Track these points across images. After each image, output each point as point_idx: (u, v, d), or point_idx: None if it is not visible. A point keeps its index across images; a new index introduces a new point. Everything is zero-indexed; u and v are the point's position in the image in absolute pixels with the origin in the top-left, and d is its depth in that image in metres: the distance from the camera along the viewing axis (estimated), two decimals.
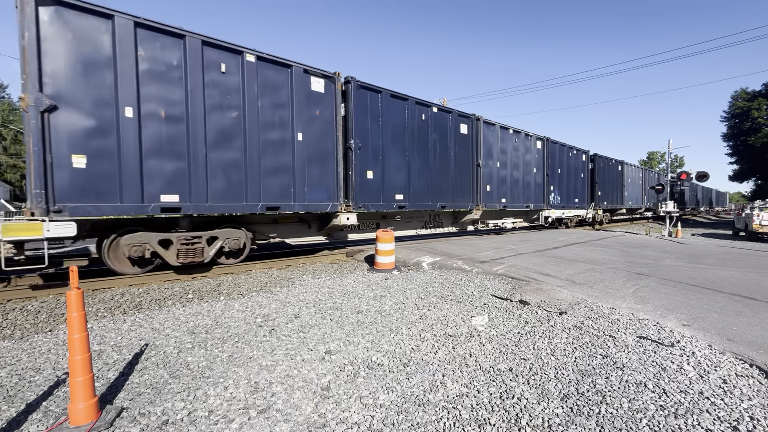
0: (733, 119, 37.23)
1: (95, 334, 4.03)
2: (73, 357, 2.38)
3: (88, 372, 2.40)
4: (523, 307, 4.97)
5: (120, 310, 5.03)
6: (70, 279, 2.39)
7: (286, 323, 4.37)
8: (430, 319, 4.50)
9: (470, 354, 3.52)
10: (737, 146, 37.23)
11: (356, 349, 3.65)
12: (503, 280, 6.55)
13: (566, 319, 4.45)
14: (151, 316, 4.68)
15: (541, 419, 2.47)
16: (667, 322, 4.36)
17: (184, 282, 6.58)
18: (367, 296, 5.53)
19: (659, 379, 3.00)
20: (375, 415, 2.54)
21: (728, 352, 3.52)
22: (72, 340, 2.39)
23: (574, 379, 3.01)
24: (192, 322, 4.43)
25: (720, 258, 9.35)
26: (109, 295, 5.60)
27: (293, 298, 5.49)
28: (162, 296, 5.66)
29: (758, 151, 31.91)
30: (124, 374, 3.14)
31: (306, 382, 2.98)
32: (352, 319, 4.53)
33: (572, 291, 5.71)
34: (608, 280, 6.51)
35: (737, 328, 4.16)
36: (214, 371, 3.18)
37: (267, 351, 3.59)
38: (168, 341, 3.86)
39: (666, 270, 7.54)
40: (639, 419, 2.46)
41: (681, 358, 3.38)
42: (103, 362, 3.37)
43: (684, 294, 5.60)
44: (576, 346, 3.66)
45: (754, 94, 34.72)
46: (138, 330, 4.20)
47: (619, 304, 5.05)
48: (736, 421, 2.44)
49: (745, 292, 5.71)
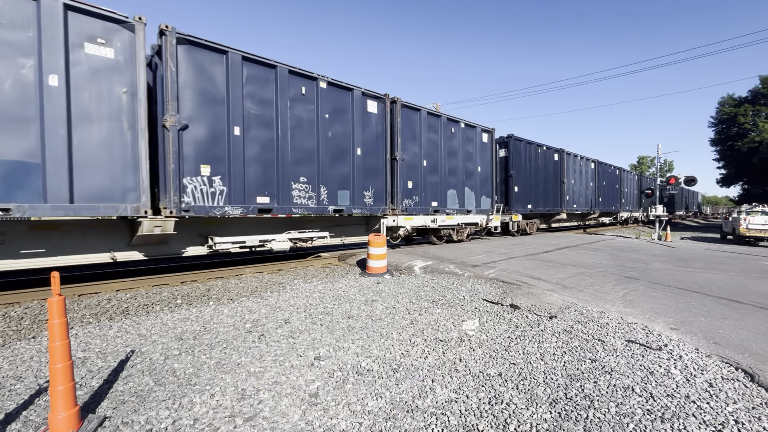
0: (720, 125, 37.90)
1: (80, 341, 3.95)
2: (54, 365, 2.32)
3: (69, 380, 2.35)
4: (514, 311, 4.98)
5: (106, 316, 4.94)
6: (52, 285, 2.34)
7: (276, 328, 4.33)
8: (421, 324, 4.49)
9: (460, 359, 3.51)
10: (724, 151, 37.88)
11: (346, 354, 3.62)
12: (494, 284, 6.56)
13: (556, 323, 4.46)
14: (138, 322, 4.61)
15: (530, 425, 2.47)
16: (656, 325, 4.40)
17: (173, 287, 6.49)
18: (358, 301, 5.51)
19: (647, 383, 3.02)
20: (363, 421, 2.52)
21: (714, 356, 3.56)
22: (53, 347, 2.34)
23: (562, 383, 3.02)
24: (180, 328, 4.37)
25: (708, 261, 9.48)
26: (96, 301, 5.50)
27: (284, 302, 5.45)
28: (150, 301, 5.58)
29: (745, 156, 32.48)
30: (108, 382, 3.08)
31: (294, 389, 2.95)
32: (342, 324, 4.50)
33: (562, 295, 5.74)
34: (598, 284, 6.56)
35: (723, 332, 4.21)
36: (200, 378, 3.13)
37: (255, 357, 3.55)
38: (155, 348, 3.79)
39: (655, 273, 7.62)
40: (626, 424, 2.46)
41: (668, 361, 3.41)
42: (87, 370, 3.30)
43: (672, 297, 5.66)
44: (565, 351, 3.67)
45: (741, 100, 35.39)
46: (124, 336, 4.13)
47: (609, 308, 5.08)
48: (721, 425, 2.46)
49: (732, 296, 5.78)
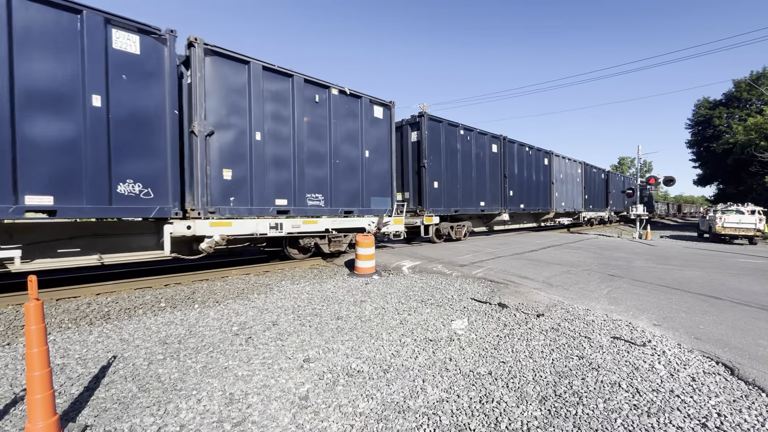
0: (696, 126, 39.17)
1: (58, 347, 3.81)
2: (31, 373, 2.23)
3: (47, 388, 2.25)
4: (502, 310, 5.02)
5: (86, 321, 4.78)
6: (29, 289, 2.24)
7: (264, 331, 4.26)
8: (411, 324, 4.48)
9: (450, 358, 3.52)
10: (700, 152, 39.16)
11: (336, 356, 3.59)
12: (482, 283, 6.61)
13: (544, 322, 4.52)
14: (120, 327, 4.47)
15: (520, 422, 2.48)
16: (639, 322, 4.50)
17: (156, 290, 6.33)
18: (347, 302, 5.47)
19: (632, 378, 3.08)
20: (354, 424, 2.49)
21: (696, 351, 3.66)
22: (30, 354, 2.24)
23: (551, 381, 3.05)
24: (164, 332, 4.26)
25: (687, 259, 9.77)
26: (75, 305, 5.32)
27: (271, 304, 5.37)
28: (132, 305, 5.42)
29: (720, 157, 33.60)
30: (89, 389, 2.97)
31: (283, 392, 2.90)
32: (331, 325, 4.46)
33: (549, 293, 5.82)
34: (583, 282, 6.68)
35: (704, 327, 4.34)
36: (186, 383, 3.05)
37: (243, 360, 3.48)
38: (138, 352, 3.68)
39: (637, 271, 7.80)
40: (614, 419, 2.50)
41: (652, 357, 3.49)
42: (66, 377, 3.18)
43: (654, 294, 5.81)
44: (553, 348, 3.72)
45: (716, 103, 36.68)
46: (105, 341, 3.99)
47: (594, 306, 5.18)
48: (704, 418, 2.52)
49: (711, 292, 5.97)
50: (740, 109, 33.92)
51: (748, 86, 32.14)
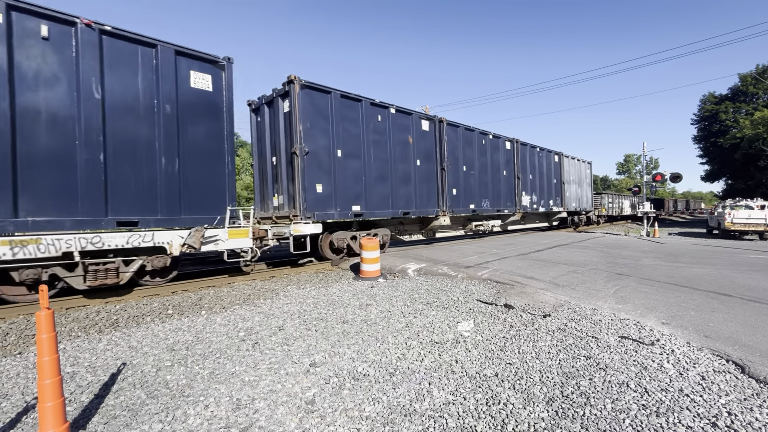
0: (702, 122, 38.85)
1: (68, 355, 3.86)
2: (43, 381, 2.26)
3: (58, 396, 2.29)
4: (508, 311, 5.00)
5: (95, 329, 4.84)
6: (40, 299, 2.28)
7: (270, 336, 4.29)
8: (416, 327, 4.48)
9: (456, 360, 3.51)
10: (707, 148, 38.79)
11: (342, 360, 3.60)
12: (488, 284, 6.59)
13: (550, 322, 4.49)
14: (128, 334, 4.52)
15: (527, 424, 2.47)
16: (647, 321, 4.45)
17: (164, 297, 6.39)
18: (352, 305, 5.48)
19: (641, 378, 3.05)
20: (361, 427, 2.50)
21: (706, 349, 3.61)
22: (41, 363, 2.28)
23: (558, 381, 3.03)
24: (172, 339, 4.30)
25: (695, 256, 9.66)
26: (84, 314, 5.39)
27: (277, 309, 5.40)
28: (140, 312, 5.48)
29: (727, 152, 33.25)
30: (99, 396, 3.01)
31: (290, 397, 2.92)
32: (337, 329, 4.47)
33: (555, 293, 5.79)
34: (590, 281, 6.63)
35: (713, 325, 4.28)
36: (194, 389, 3.07)
37: (250, 366, 3.50)
38: (146, 359, 3.72)
39: (645, 269, 7.73)
40: (622, 419, 2.48)
41: (661, 356, 3.45)
42: (76, 385, 3.22)
43: (662, 293, 5.75)
44: (560, 349, 3.70)
45: (722, 98, 36.34)
46: (114, 349, 4.04)
47: (601, 305, 5.14)
48: (714, 417, 2.49)
49: (720, 289, 5.89)
50: (747, 103, 33.57)
51: (754, 80, 31.82)
